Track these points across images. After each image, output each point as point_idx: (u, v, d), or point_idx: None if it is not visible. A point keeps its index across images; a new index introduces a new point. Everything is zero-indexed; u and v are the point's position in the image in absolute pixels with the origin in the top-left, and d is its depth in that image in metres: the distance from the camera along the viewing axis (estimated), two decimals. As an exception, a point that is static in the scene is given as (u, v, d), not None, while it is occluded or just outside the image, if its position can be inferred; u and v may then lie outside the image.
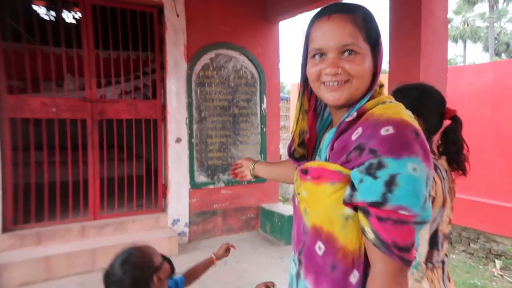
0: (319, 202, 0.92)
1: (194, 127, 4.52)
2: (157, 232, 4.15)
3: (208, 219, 4.58)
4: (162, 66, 4.40)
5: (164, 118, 4.39)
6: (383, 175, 0.78)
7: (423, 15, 2.86)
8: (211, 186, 4.62)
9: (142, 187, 4.38)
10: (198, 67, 4.52)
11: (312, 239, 0.96)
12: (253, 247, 4.32)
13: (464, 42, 28.86)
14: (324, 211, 0.91)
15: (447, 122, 1.44)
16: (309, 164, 0.97)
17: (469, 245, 5.60)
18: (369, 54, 0.90)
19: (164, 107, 4.38)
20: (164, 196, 4.46)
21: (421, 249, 1.29)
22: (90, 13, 3.97)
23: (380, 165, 0.78)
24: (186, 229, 4.44)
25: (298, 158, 1.08)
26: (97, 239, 3.86)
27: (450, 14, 27.89)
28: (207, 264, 1.87)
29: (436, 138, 1.45)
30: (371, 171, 0.80)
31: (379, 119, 0.83)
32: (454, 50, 32.56)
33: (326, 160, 0.94)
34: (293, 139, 1.09)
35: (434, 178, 1.28)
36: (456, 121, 1.42)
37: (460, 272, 4.55)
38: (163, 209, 4.45)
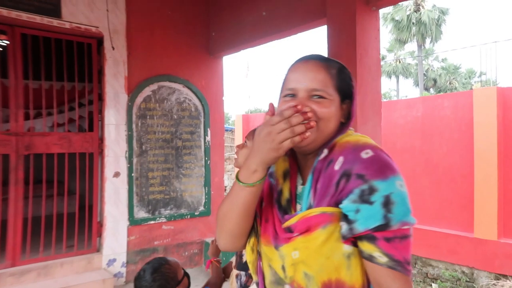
0: (318, 253, 0.88)
1: (134, 160, 4.36)
2: (90, 274, 3.85)
3: (148, 257, 4.35)
4: (100, 98, 4.24)
5: (101, 152, 4.19)
6: (377, 198, 0.82)
7: (358, 54, 3.04)
8: (152, 222, 4.43)
9: (73, 226, 4.08)
10: (139, 99, 4.42)
11: None
12: (196, 285, 4.14)
13: (397, 77, 31.22)
14: (326, 260, 0.88)
15: None
16: (290, 222, 0.93)
17: (408, 270, 5.81)
18: (337, 102, 0.96)
19: (101, 139, 4.19)
20: (99, 234, 4.17)
21: None
22: (19, 42, 3.76)
23: (372, 190, 0.82)
24: (123, 269, 4.17)
25: (285, 205, 1.00)
26: (15, 288, 3.47)
27: (384, 52, 30.22)
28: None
29: None
30: (364, 198, 0.82)
31: (357, 144, 0.89)
32: (388, 85, 35.13)
33: (309, 207, 0.91)
34: (277, 180, 1.03)
35: None
36: None
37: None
38: (98, 249, 4.16)
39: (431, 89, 29.20)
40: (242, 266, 1.81)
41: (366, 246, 0.85)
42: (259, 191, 0.94)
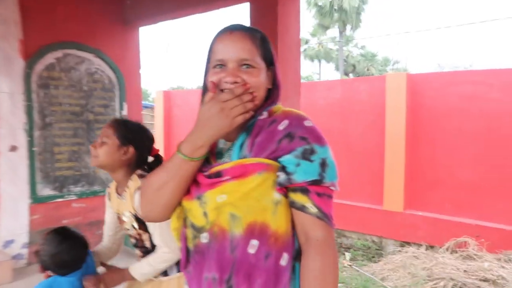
0: (248, 196, 0.96)
1: (36, 133, 3.93)
2: (-18, 258, 3.44)
3: (54, 238, 4.00)
4: (-11, 62, 3.71)
5: (-7, 123, 3.70)
6: (316, 158, 0.95)
7: (279, 33, 3.06)
8: (60, 200, 4.08)
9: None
10: (40, 66, 3.96)
11: (245, 243, 0.96)
12: (113, 263, 3.93)
13: (319, 61, 32.47)
14: (255, 202, 0.96)
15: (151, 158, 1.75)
16: (222, 167, 0.99)
17: (324, 242, 6.13)
18: (264, 70, 1.03)
19: (-7, 110, 3.69)
20: (-6, 214, 3.73)
21: None
22: None
23: (313, 151, 0.95)
24: (24, 251, 3.79)
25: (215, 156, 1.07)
26: None
27: (307, 36, 31.13)
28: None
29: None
30: (306, 156, 0.95)
31: (300, 114, 1.02)
32: (311, 68, 36.37)
33: (243, 157, 0.99)
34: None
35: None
36: (159, 158, 1.76)
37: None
38: (-8, 230, 3.72)
39: (350, 74, 30.86)
40: None
41: (299, 197, 0.96)
42: (200, 163, 0.99)
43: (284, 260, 0.97)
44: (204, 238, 1.00)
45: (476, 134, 5.24)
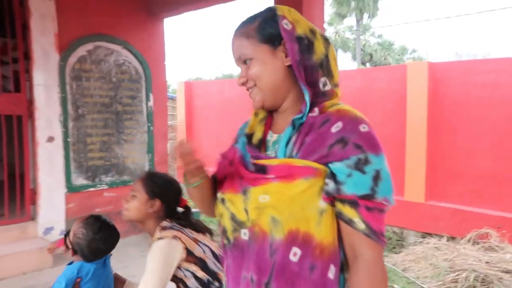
0: (292, 201, 0.89)
1: (70, 125, 4.07)
2: (25, 243, 3.62)
3: (88, 225, 4.17)
4: (27, 56, 3.84)
5: (31, 115, 3.85)
6: (370, 170, 0.87)
7: None
8: (92, 189, 4.23)
9: (2, 194, 3.76)
10: (73, 59, 4.08)
11: (286, 249, 0.91)
12: (141, 251, 4.08)
13: (336, 51, 32.07)
14: (299, 210, 0.89)
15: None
16: (268, 162, 0.94)
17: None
18: (268, 53, 0.95)
19: (30, 102, 3.84)
20: (33, 202, 3.90)
21: None
22: None
23: (367, 161, 0.87)
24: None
25: (257, 144, 1.04)
26: None
27: (324, 25, 30.74)
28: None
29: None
30: (359, 166, 0.86)
31: (356, 116, 0.92)
32: (328, 58, 35.87)
33: (290, 156, 0.93)
34: (250, 126, 1.07)
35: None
36: (188, 209, 1.81)
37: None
38: (32, 218, 3.90)
39: (367, 64, 30.45)
40: None
41: (347, 210, 0.89)
42: (207, 181, 1.07)
43: (332, 272, 0.92)
44: (244, 234, 0.97)
45: (498, 123, 5.18)
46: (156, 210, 1.69)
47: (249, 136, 1.05)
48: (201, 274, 1.62)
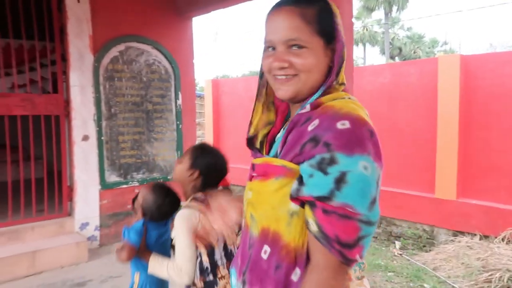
0: (265, 200, 0.90)
1: (104, 123, 4.22)
2: (62, 238, 3.79)
3: (121, 220, 4.32)
4: (64, 58, 4.01)
5: (67, 114, 4.01)
6: (333, 171, 0.77)
7: None
8: (124, 186, 4.37)
9: (42, 191, 3.95)
10: (106, 60, 4.22)
11: (259, 245, 0.92)
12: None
13: (364, 45, 31.53)
14: (270, 209, 0.89)
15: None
16: (256, 161, 0.96)
17: (373, 229, 6.11)
18: (321, 48, 0.89)
19: (67, 102, 4.00)
20: (70, 199, 4.08)
21: None
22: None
23: (332, 161, 0.77)
24: (97, 233, 4.13)
25: (260, 146, 1.04)
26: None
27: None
28: None
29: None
30: (322, 166, 0.78)
31: (338, 112, 0.82)
32: (355, 52, 35.39)
33: (275, 156, 0.91)
34: (248, 130, 1.05)
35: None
36: (227, 189, 1.82)
37: (366, 255, 4.94)
38: (69, 213, 4.08)
39: (396, 58, 29.78)
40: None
41: (307, 211, 0.83)
42: None
43: (296, 275, 0.88)
44: (243, 223, 1.03)
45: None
46: (195, 180, 1.76)
47: (252, 138, 1.04)
48: (205, 258, 1.68)
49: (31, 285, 3.28)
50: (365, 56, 32.82)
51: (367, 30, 29.97)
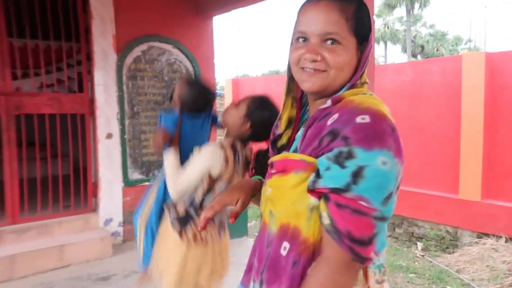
0: (284, 196, 0.88)
1: (127, 122, 4.31)
2: (88, 233, 3.90)
3: (143, 218, 4.40)
4: (89, 58, 4.11)
5: (92, 113, 4.12)
6: (351, 165, 0.76)
7: None
8: (146, 183, 4.42)
9: (69, 187, 4.08)
10: (129, 59, 4.31)
11: (278, 242, 0.91)
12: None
13: (385, 43, 31.06)
14: (290, 204, 0.87)
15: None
16: (274, 158, 0.96)
17: (394, 230, 6.03)
18: (353, 47, 0.88)
19: (92, 101, 4.11)
20: (95, 195, 4.19)
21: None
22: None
23: (350, 155, 0.76)
24: (120, 229, 4.22)
25: (280, 147, 1.03)
26: (16, 245, 3.52)
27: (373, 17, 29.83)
28: None
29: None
30: (339, 160, 0.77)
31: (358, 107, 0.81)
32: (376, 51, 34.85)
33: (295, 151, 0.91)
34: (278, 126, 1.04)
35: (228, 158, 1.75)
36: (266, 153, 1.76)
37: (387, 255, 4.89)
38: (94, 209, 4.19)
39: (418, 56, 29.21)
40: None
41: (321, 204, 0.83)
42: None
43: None
44: (260, 221, 1.01)
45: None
46: (244, 131, 1.74)
47: (277, 138, 1.04)
48: (199, 195, 1.79)
49: (59, 278, 3.38)
50: (386, 54, 32.30)
51: (388, 28, 29.51)
